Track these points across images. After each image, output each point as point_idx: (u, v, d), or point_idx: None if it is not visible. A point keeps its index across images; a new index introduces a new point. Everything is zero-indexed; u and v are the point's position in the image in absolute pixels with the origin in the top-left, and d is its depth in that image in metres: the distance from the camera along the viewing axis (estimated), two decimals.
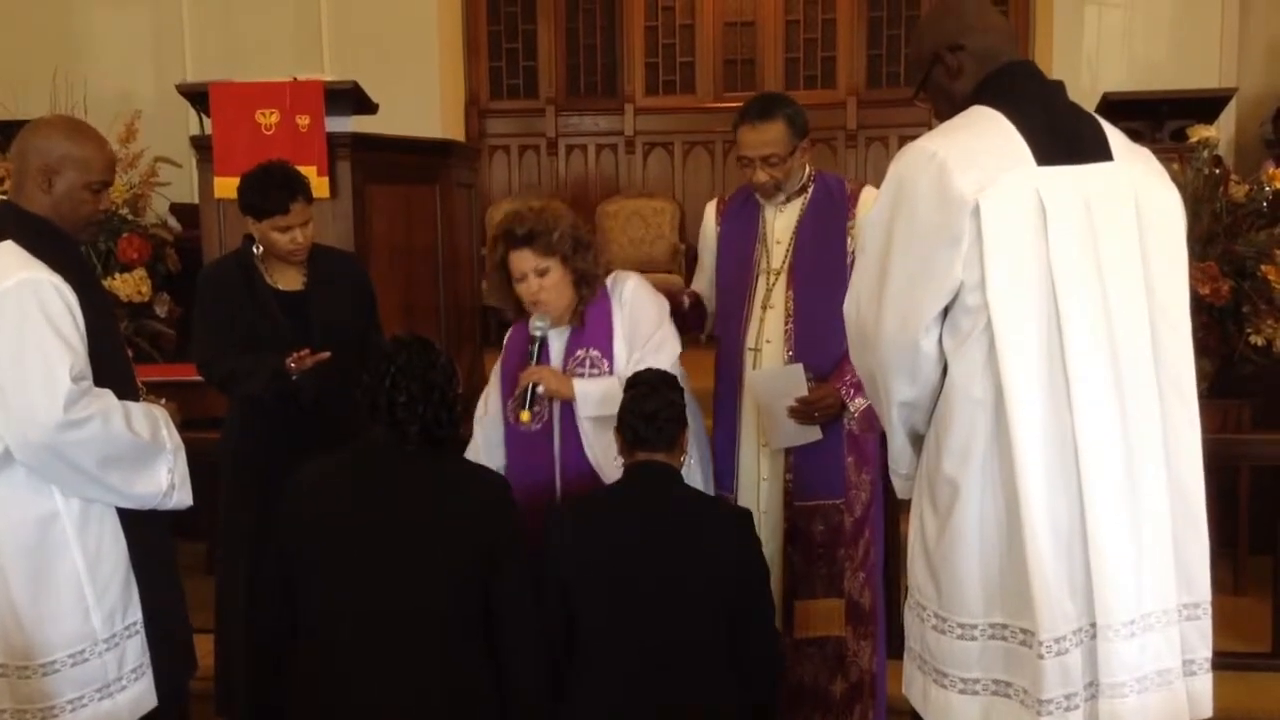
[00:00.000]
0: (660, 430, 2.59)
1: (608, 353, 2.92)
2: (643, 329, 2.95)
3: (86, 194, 2.54)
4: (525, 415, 2.83)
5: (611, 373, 2.89)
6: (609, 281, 3.00)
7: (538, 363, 2.89)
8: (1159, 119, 5.21)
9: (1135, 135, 2.39)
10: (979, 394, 2.03)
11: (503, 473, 2.87)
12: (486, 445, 3.04)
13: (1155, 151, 2.28)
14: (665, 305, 3.04)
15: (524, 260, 2.87)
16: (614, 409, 2.68)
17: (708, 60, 8.00)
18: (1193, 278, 3.47)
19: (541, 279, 2.87)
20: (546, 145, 8.07)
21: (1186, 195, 3.04)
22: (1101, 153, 2.12)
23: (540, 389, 2.84)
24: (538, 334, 2.89)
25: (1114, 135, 2.17)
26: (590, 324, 2.95)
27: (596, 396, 2.83)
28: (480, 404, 3.10)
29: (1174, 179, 2.25)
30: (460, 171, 5.13)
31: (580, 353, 2.94)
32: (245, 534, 3.29)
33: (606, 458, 2.82)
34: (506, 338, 3.10)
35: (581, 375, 2.90)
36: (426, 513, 2.42)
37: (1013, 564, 2.02)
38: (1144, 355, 2.06)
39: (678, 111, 8.00)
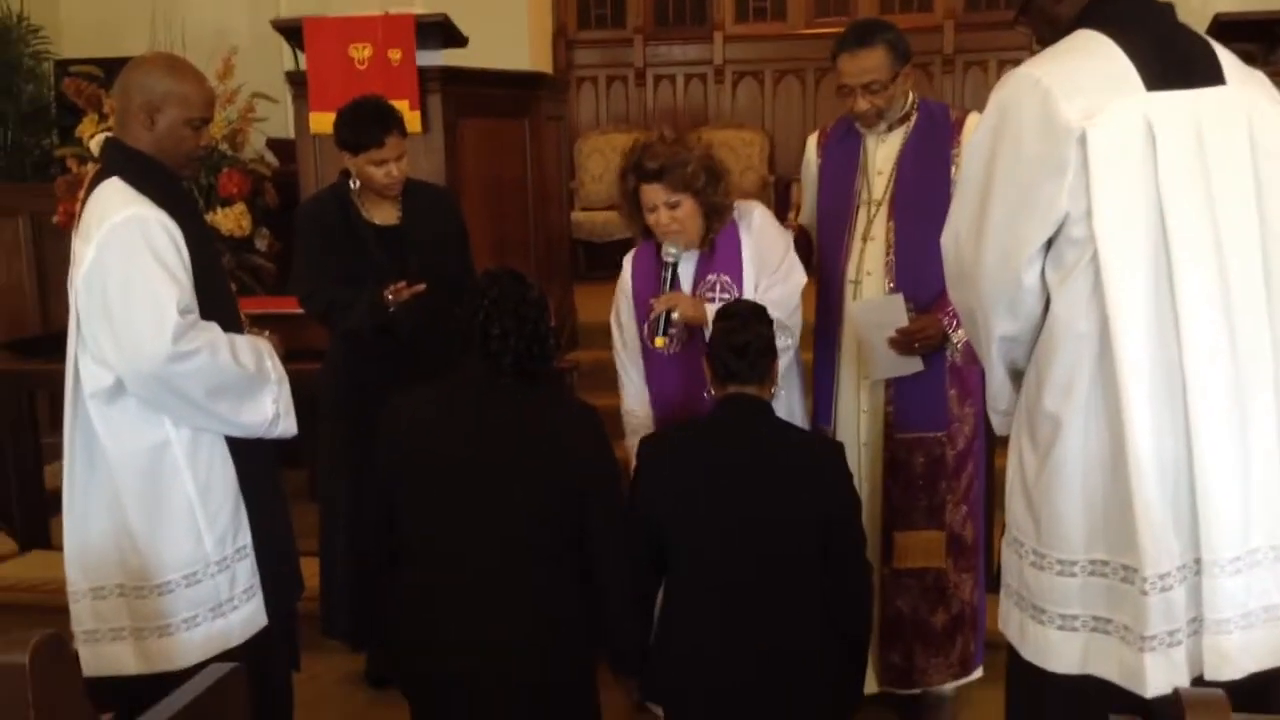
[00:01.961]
0: (752, 364, 2.58)
1: (737, 278, 2.95)
2: (771, 257, 2.98)
3: (188, 130, 2.59)
4: (660, 340, 2.90)
5: (741, 298, 2.89)
6: (735, 209, 3.01)
7: (670, 288, 2.92)
8: (1273, 40, 5.00)
9: (1248, 58, 2.29)
10: (1084, 328, 1.98)
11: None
12: (637, 373, 3.07)
13: (1269, 75, 2.19)
14: (789, 236, 3.08)
15: (655, 194, 2.89)
16: None
17: None
18: None
19: (673, 211, 2.89)
20: (634, 76, 7.98)
21: None
22: (1214, 76, 2.03)
23: (675, 314, 2.88)
24: (670, 260, 2.92)
25: (1226, 58, 2.08)
26: (720, 250, 2.98)
27: None
28: (615, 334, 3.13)
29: None
30: (549, 104, 5.12)
31: (711, 278, 2.97)
32: (343, 465, 3.38)
33: None
34: (630, 259, 3.12)
35: (712, 300, 2.92)
36: (514, 446, 2.45)
37: (1116, 500, 1.98)
38: (1256, 286, 1.99)
39: (768, 39, 7.85)
